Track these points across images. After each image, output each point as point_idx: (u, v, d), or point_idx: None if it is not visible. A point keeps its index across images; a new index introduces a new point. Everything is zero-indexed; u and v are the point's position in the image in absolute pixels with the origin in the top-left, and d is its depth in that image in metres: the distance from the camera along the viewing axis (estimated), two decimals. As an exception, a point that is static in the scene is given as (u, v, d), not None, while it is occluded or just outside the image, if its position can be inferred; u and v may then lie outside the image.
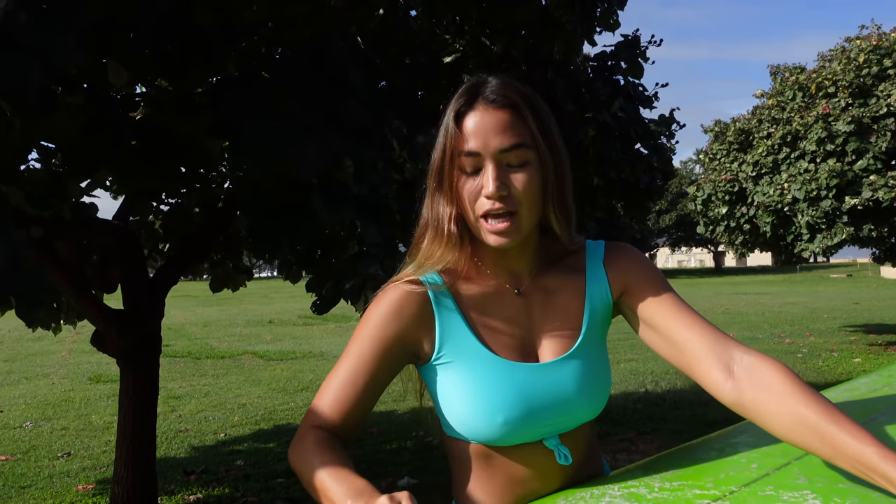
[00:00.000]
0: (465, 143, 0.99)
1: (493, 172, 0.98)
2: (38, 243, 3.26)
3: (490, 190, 0.98)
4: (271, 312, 22.13)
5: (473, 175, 1.00)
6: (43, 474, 5.47)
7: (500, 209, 0.99)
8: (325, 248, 4.12)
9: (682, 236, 53.28)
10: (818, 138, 9.77)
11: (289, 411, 7.61)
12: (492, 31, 3.46)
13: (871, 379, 1.39)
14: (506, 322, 1.06)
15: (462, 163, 1.00)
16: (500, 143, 0.99)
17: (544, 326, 1.08)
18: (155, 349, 4.06)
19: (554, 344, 1.07)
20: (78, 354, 12.81)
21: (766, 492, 0.84)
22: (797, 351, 10.57)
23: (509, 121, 0.99)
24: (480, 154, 0.99)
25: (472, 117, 1.00)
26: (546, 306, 1.09)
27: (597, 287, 1.10)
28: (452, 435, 1.06)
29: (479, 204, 1.00)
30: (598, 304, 1.10)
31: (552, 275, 1.10)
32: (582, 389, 1.05)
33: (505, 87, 1.02)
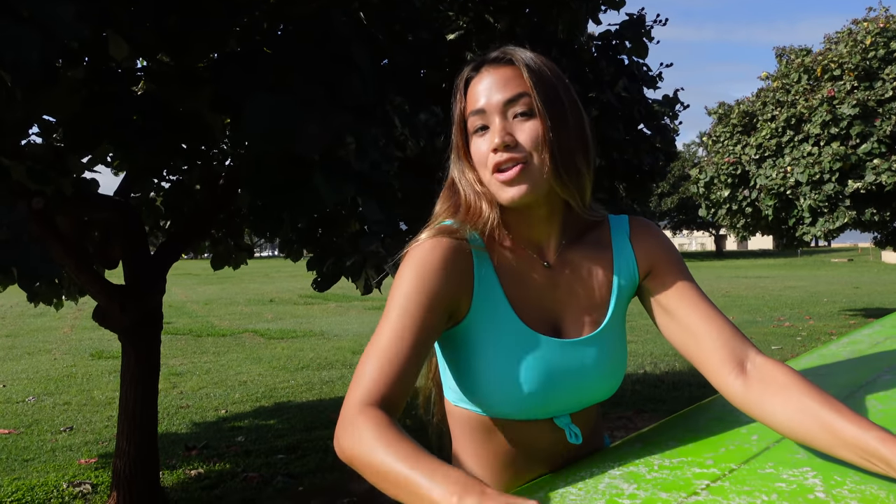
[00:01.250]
0: (471, 104, 1.02)
1: (498, 124, 0.99)
2: (40, 217, 3.26)
3: (496, 141, 0.98)
4: (272, 291, 22.18)
5: (482, 134, 1.01)
6: (46, 448, 5.52)
7: (507, 160, 0.97)
8: (327, 226, 4.13)
9: (683, 219, 53.18)
10: (822, 121, 9.73)
11: (289, 389, 7.66)
12: (496, 8, 3.43)
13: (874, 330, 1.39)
14: (536, 294, 1.04)
15: (472, 123, 1.02)
16: (502, 95, 0.99)
17: (572, 302, 1.05)
18: (156, 325, 4.08)
19: (581, 321, 1.05)
20: (80, 330, 12.86)
21: (766, 469, 0.84)
22: (796, 334, 10.60)
23: (511, 75, 1.00)
24: (485, 111, 1.00)
25: (478, 80, 1.02)
26: (573, 281, 1.06)
27: (624, 264, 1.09)
28: (460, 405, 1.05)
29: (489, 160, 0.99)
30: (626, 281, 1.08)
31: (579, 249, 1.08)
32: (604, 370, 1.04)
33: (507, 48, 1.03)
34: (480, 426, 1.05)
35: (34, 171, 3.14)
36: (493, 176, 0.99)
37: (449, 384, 1.06)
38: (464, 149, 1.04)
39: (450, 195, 1.08)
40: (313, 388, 7.66)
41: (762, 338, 10.27)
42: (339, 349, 10.32)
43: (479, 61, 1.05)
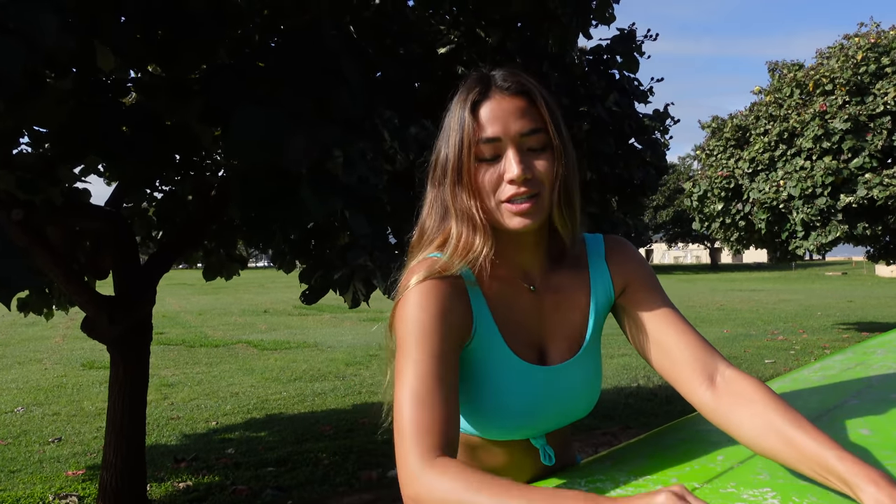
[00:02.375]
0: (483, 131, 0.99)
1: (515, 156, 0.98)
2: (28, 227, 3.25)
3: (516, 172, 0.97)
4: (266, 302, 22.13)
5: (493, 162, 0.99)
6: (33, 459, 5.47)
7: (524, 193, 0.98)
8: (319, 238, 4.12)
9: (678, 232, 53.37)
10: (815, 136, 9.79)
11: (281, 401, 7.62)
12: (487, 22, 3.44)
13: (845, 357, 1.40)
14: (522, 320, 1.06)
15: (481, 151, 0.99)
16: (520, 127, 0.99)
17: (554, 325, 1.08)
18: (145, 336, 4.05)
19: (563, 344, 1.08)
20: (71, 340, 12.80)
21: (727, 489, 0.85)
22: (790, 348, 10.60)
23: (525, 106, 1.00)
24: (501, 139, 0.99)
25: (489, 105, 0.99)
26: (556, 305, 1.09)
27: (601, 283, 1.11)
28: None
29: (501, 190, 0.99)
30: (602, 300, 1.11)
31: (560, 272, 1.10)
32: (584, 392, 1.08)
33: (516, 75, 1.02)
34: (463, 444, 1.07)
35: (24, 180, 3.13)
36: (503, 205, 0.99)
37: None
38: (468, 174, 1.00)
39: (438, 220, 1.05)
40: (305, 400, 7.62)
41: (756, 351, 10.27)
42: (332, 361, 10.28)
43: (483, 82, 1.01)
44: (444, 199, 1.04)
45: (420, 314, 0.95)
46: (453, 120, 1.02)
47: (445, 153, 1.02)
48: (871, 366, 1.31)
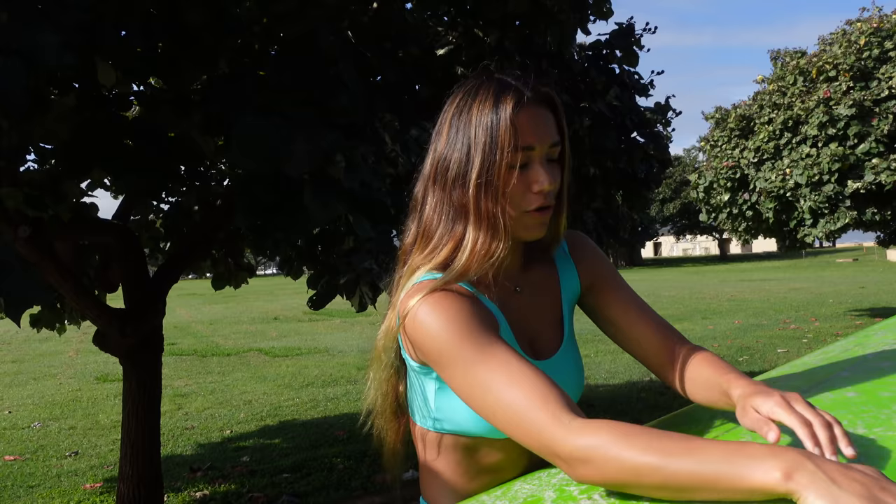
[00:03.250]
0: (521, 139, 0.98)
1: (545, 167, 1.00)
2: (36, 243, 3.27)
3: (545, 185, 0.99)
4: (276, 309, 22.20)
5: (521, 171, 1.00)
6: (51, 473, 5.52)
7: (547, 203, 1.02)
8: (325, 244, 4.14)
9: (686, 224, 53.18)
10: (819, 123, 9.73)
11: (294, 407, 7.65)
12: (485, 22, 3.45)
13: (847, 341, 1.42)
14: (517, 320, 1.09)
15: (514, 158, 0.98)
16: (550, 139, 1.01)
17: (538, 322, 1.12)
18: (157, 347, 4.08)
19: (547, 338, 1.12)
20: (85, 354, 12.88)
21: None
22: (802, 336, 10.55)
23: (549, 116, 1.02)
24: (535, 148, 1.00)
25: (526, 113, 0.99)
26: (536, 301, 1.13)
27: (568, 278, 1.17)
28: (442, 431, 1.06)
29: (526, 199, 1.00)
30: (572, 294, 1.17)
31: (532, 271, 1.15)
32: (575, 382, 1.13)
33: (544, 84, 1.03)
34: (461, 447, 1.07)
35: (31, 197, 3.16)
36: (527, 214, 1.01)
37: (427, 413, 1.07)
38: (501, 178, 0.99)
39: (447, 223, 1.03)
40: (318, 406, 7.64)
41: (768, 341, 10.22)
42: (343, 365, 10.31)
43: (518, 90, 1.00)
44: (459, 202, 1.02)
45: (452, 319, 0.94)
46: (481, 123, 0.99)
47: (468, 156, 1.00)
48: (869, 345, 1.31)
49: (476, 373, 0.91)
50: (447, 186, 1.03)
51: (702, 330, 11.94)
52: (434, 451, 1.10)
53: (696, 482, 0.71)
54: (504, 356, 0.91)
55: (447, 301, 0.96)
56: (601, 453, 0.77)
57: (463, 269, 1.00)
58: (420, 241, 1.06)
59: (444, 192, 1.03)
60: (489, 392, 0.89)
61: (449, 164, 1.03)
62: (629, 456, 0.75)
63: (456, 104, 1.04)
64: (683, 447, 0.73)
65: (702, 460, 0.71)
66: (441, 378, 0.99)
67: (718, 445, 0.73)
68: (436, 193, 1.05)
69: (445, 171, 1.03)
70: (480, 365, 0.91)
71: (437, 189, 1.05)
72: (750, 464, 0.69)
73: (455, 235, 1.03)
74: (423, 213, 1.07)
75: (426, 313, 0.95)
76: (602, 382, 8.06)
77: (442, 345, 0.94)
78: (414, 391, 1.10)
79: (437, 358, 0.95)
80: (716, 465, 0.70)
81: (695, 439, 0.75)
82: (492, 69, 1.09)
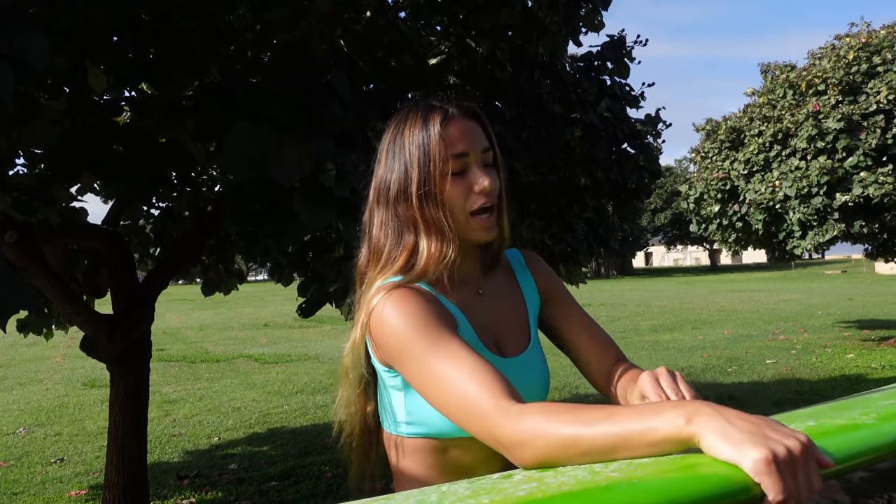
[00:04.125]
0: (453, 148, 1.09)
1: (482, 169, 1.11)
2: (24, 248, 3.26)
3: (486, 183, 1.09)
4: (267, 315, 22.11)
5: (459, 177, 1.10)
6: (35, 480, 5.46)
7: (489, 203, 1.11)
8: (316, 251, 4.13)
9: (677, 234, 53.41)
10: (809, 136, 9.81)
11: (283, 414, 7.61)
12: (477, 32, 3.47)
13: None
14: (480, 321, 1.15)
15: (452, 166, 1.09)
16: (481, 143, 1.12)
17: (503, 323, 1.19)
18: (145, 353, 4.06)
19: (513, 339, 1.19)
20: (72, 359, 12.78)
21: None
22: (791, 347, 10.60)
23: (479, 127, 1.14)
24: (469, 154, 1.10)
25: (454, 125, 1.11)
26: (499, 305, 1.20)
27: (528, 288, 1.26)
28: (414, 435, 1.09)
29: (470, 201, 1.10)
30: (533, 304, 1.25)
31: (493, 277, 1.23)
32: (542, 380, 1.20)
33: (464, 99, 1.15)
34: (432, 449, 1.10)
35: (19, 201, 3.14)
36: (472, 218, 1.10)
37: (398, 419, 1.10)
38: (438, 188, 1.09)
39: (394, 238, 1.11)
40: (307, 413, 7.61)
41: (757, 352, 10.27)
42: (333, 373, 10.27)
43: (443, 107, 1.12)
44: (404, 216, 1.11)
45: (410, 315, 1.01)
46: (414, 142, 1.10)
47: (406, 174, 1.10)
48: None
49: (430, 365, 0.96)
50: (390, 204, 1.12)
51: (691, 340, 11.99)
52: (406, 456, 1.12)
53: (613, 443, 0.76)
54: (455, 350, 0.96)
55: (407, 298, 1.03)
56: (533, 434, 0.82)
57: (421, 272, 1.08)
58: (373, 259, 1.14)
59: (389, 210, 1.12)
60: (442, 384, 0.95)
61: (389, 185, 1.12)
62: (555, 430, 0.80)
63: (390, 133, 1.15)
64: (601, 415, 0.79)
65: (616, 422, 0.76)
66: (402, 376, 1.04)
67: (633, 408, 0.78)
68: (380, 214, 1.13)
69: (387, 191, 1.12)
70: (434, 358, 0.96)
71: (381, 209, 1.13)
72: (658, 417, 0.74)
73: (406, 246, 1.10)
74: (371, 234, 1.14)
75: (387, 310, 1.02)
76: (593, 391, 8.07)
77: (400, 340, 1.00)
78: (383, 399, 1.13)
79: (396, 353, 1.01)
80: (629, 424, 0.75)
81: (614, 408, 0.80)
82: (418, 98, 1.19)
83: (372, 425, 1.19)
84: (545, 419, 0.81)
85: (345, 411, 1.18)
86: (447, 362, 0.94)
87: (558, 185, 3.85)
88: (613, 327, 14.57)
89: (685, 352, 10.75)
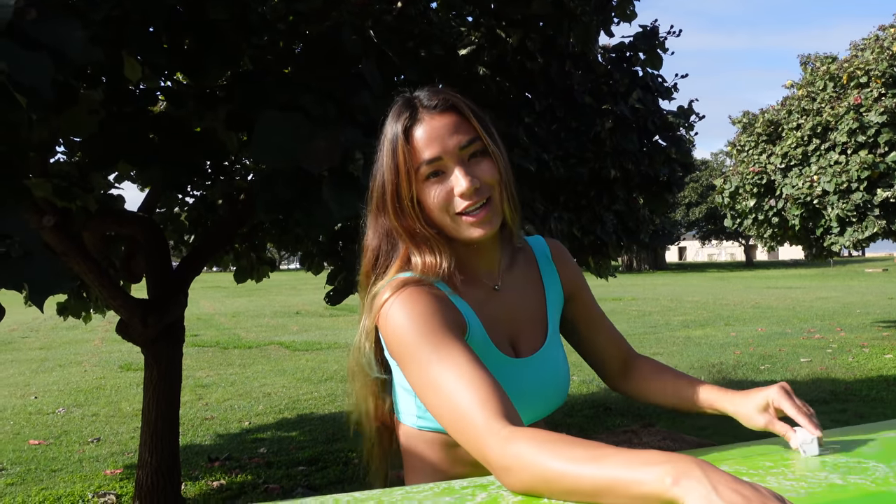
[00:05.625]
0: (422, 153, 1.02)
1: (460, 170, 1.03)
2: (64, 233, 3.35)
3: (465, 186, 1.02)
4: (299, 303, 22.37)
5: (437, 180, 1.04)
6: (73, 458, 5.63)
7: (476, 202, 1.04)
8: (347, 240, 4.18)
9: (712, 229, 52.54)
10: (849, 129, 9.57)
11: (312, 401, 7.72)
12: (508, 22, 3.46)
13: None
14: (495, 317, 1.11)
15: (423, 172, 1.03)
16: (457, 141, 1.03)
17: (519, 319, 1.15)
18: (178, 338, 4.15)
19: (530, 336, 1.15)
20: (110, 343, 13.11)
21: None
22: (826, 346, 10.39)
23: (457, 121, 1.04)
24: (442, 158, 1.03)
25: (420, 128, 1.03)
26: (518, 300, 1.16)
27: (552, 281, 1.22)
28: (426, 428, 1.09)
29: (454, 204, 1.04)
30: (555, 297, 1.22)
31: (514, 270, 1.18)
32: (558, 380, 1.16)
33: (440, 93, 1.07)
34: (443, 444, 1.08)
35: (59, 188, 3.24)
36: (461, 218, 1.04)
37: (410, 411, 1.10)
38: (409, 197, 1.03)
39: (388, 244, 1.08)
40: (336, 400, 7.70)
41: (791, 350, 10.08)
42: (362, 361, 10.35)
43: (410, 106, 1.05)
44: (389, 226, 1.07)
45: (417, 317, 0.97)
46: (384, 149, 1.05)
47: (382, 183, 1.06)
48: None
49: (430, 371, 0.94)
50: (378, 212, 1.08)
51: (724, 337, 11.82)
52: (417, 447, 1.12)
53: (597, 487, 0.74)
54: (458, 357, 0.93)
55: (415, 297, 0.99)
56: (519, 462, 0.80)
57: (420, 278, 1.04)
58: (371, 263, 1.11)
59: (377, 218, 1.09)
60: (438, 393, 0.92)
61: (373, 192, 1.09)
62: (541, 462, 0.78)
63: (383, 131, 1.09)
64: (589, 454, 0.77)
65: (603, 466, 0.75)
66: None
67: (622, 453, 0.75)
68: (371, 218, 1.10)
69: (373, 197, 1.09)
70: (435, 364, 0.93)
71: (372, 215, 1.10)
72: (645, 470, 0.72)
73: (400, 255, 1.07)
74: (367, 239, 1.12)
75: (395, 309, 0.99)
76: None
77: (403, 341, 0.97)
78: (397, 391, 1.12)
79: (399, 354, 0.99)
80: (615, 471, 0.73)
81: (603, 447, 0.78)
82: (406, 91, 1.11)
83: (387, 415, 1.19)
84: (532, 449, 0.80)
85: (358, 404, 1.19)
86: (447, 371, 0.92)
87: (588, 177, 3.83)
88: (644, 322, 14.44)
89: (717, 348, 10.61)
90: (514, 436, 0.83)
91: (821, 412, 6.55)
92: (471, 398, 0.88)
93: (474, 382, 0.89)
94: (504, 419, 0.86)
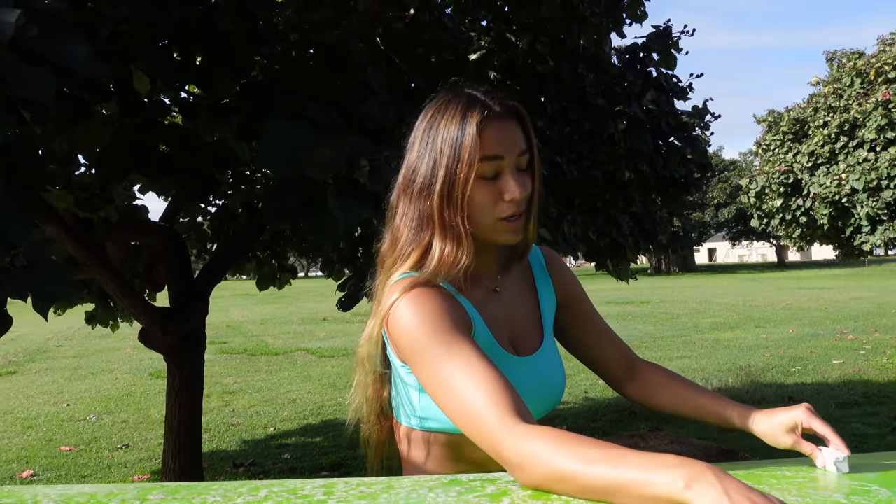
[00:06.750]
0: (488, 150, 1.04)
1: (515, 176, 1.06)
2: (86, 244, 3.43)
3: (516, 193, 1.05)
4: (326, 310, 22.51)
5: (491, 181, 1.05)
6: (102, 464, 5.75)
7: (518, 211, 1.07)
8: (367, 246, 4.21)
9: (742, 230, 51.71)
10: (878, 126, 9.38)
11: (337, 407, 7.77)
12: (518, 27, 3.47)
13: None
14: (497, 319, 1.14)
15: (483, 168, 1.04)
16: (518, 148, 1.06)
17: (517, 321, 1.18)
18: (199, 346, 4.21)
19: (527, 337, 1.18)
20: (140, 351, 13.33)
21: None
22: (860, 348, 10.15)
23: (516, 128, 1.08)
24: (504, 158, 1.05)
25: (493, 125, 1.04)
26: (515, 302, 1.19)
27: (545, 287, 1.25)
28: (427, 429, 1.09)
29: (499, 208, 1.06)
30: (548, 303, 1.24)
31: (510, 275, 1.21)
32: (557, 378, 1.18)
33: (508, 98, 1.09)
34: (447, 444, 1.09)
35: (81, 199, 3.33)
36: (500, 222, 1.07)
37: (412, 413, 1.10)
38: (461, 190, 1.03)
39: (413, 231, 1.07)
40: (360, 406, 7.74)
41: (823, 351, 9.88)
42: (387, 367, 10.39)
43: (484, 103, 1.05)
44: (425, 213, 1.06)
45: (426, 316, 0.99)
46: (447, 137, 1.04)
47: (433, 169, 1.05)
48: None
49: (441, 369, 0.95)
50: (414, 197, 1.07)
51: (754, 339, 11.62)
52: (419, 449, 1.12)
53: (610, 487, 0.76)
54: (468, 356, 0.95)
55: (423, 298, 1.01)
56: (533, 459, 0.82)
57: (433, 273, 1.05)
58: (391, 247, 1.11)
59: (412, 203, 1.08)
60: (450, 391, 0.94)
61: (416, 177, 1.07)
62: (555, 460, 0.80)
63: (427, 118, 1.09)
64: (603, 455, 0.78)
65: (617, 466, 0.76)
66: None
67: (636, 455, 0.77)
68: (404, 203, 1.09)
69: (413, 182, 1.08)
70: (446, 363, 0.95)
71: (405, 199, 1.09)
72: (659, 472, 0.73)
73: (422, 244, 1.07)
74: (394, 221, 1.12)
75: (403, 310, 1.01)
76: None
77: (413, 341, 0.99)
78: (399, 391, 1.13)
79: (409, 353, 1.00)
80: (629, 472, 0.75)
81: (616, 448, 0.79)
82: (461, 84, 1.12)
83: (388, 412, 1.20)
84: (547, 446, 0.82)
85: (360, 399, 1.20)
86: (458, 370, 0.93)
87: (602, 180, 3.81)
88: (672, 325, 14.27)
89: (746, 350, 10.44)
90: (527, 433, 0.85)
91: (852, 415, 6.40)
92: (483, 396, 0.90)
93: (486, 380, 0.91)
94: (517, 416, 0.88)
